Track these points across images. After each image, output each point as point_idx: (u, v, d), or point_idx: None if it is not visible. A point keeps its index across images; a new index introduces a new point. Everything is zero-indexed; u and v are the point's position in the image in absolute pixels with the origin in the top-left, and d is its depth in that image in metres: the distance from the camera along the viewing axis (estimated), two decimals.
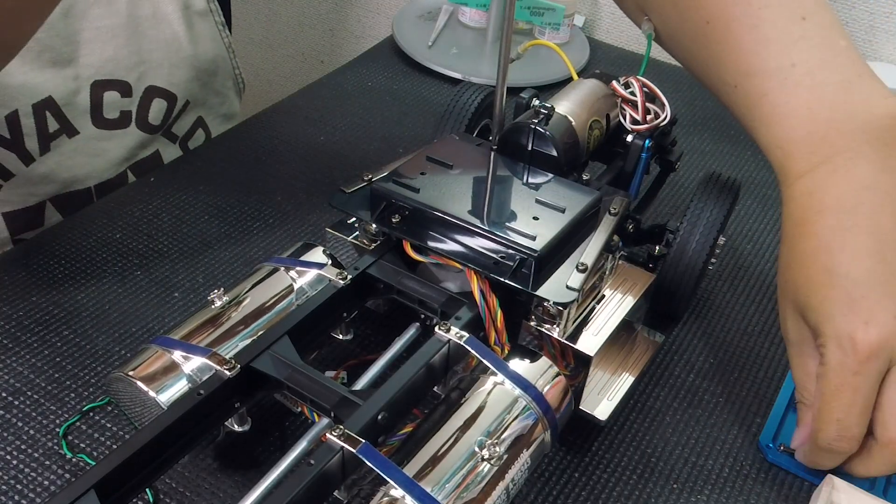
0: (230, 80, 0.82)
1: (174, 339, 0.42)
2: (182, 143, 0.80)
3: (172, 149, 0.79)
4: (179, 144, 0.80)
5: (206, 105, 0.81)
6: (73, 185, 0.71)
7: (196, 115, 0.80)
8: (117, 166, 0.74)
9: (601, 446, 0.50)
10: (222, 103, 0.83)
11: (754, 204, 0.73)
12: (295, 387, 0.40)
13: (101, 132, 0.71)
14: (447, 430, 0.38)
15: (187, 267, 0.60)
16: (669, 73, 0.93)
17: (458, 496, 0.36)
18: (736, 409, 0.53)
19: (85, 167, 0.71)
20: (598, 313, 0.47)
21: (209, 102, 0.81)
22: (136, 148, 0.75)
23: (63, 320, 0.55)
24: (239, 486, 0.45)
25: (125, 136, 0.73)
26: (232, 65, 0.81)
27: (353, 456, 0.36)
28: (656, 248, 0.55)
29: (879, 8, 0.83)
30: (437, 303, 0.45)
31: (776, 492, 0.48)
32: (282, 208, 0.67)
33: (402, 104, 0.83)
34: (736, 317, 0.60)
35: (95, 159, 0.72)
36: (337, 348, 0.54)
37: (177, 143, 0.79)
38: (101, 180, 0.73)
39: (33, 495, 0.44)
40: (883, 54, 0.85)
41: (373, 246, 0.48)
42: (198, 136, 0.82)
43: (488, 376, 0.41)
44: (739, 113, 0.50)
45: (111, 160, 0.73)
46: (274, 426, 0.49)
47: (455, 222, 0.44)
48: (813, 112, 0.45)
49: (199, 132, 0.82)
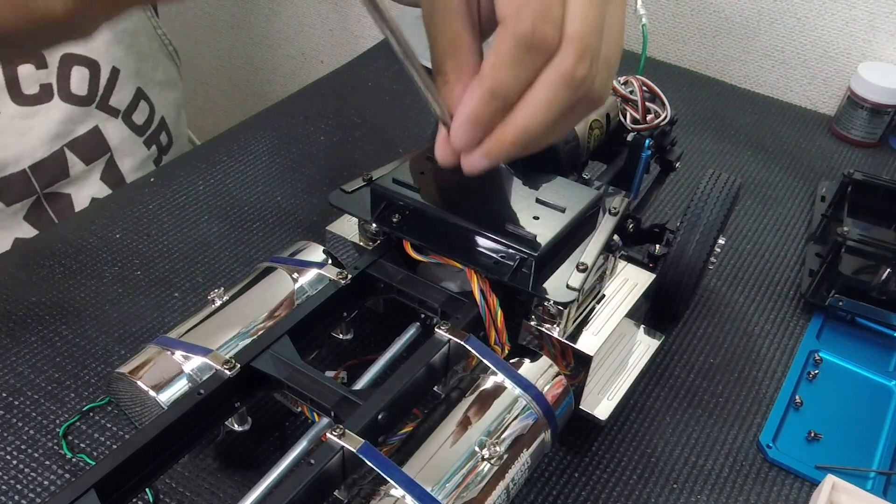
0: (156, 42, 0.78)
1: (174, 338, 0.42)
2: (126, 118, 0.76)
3: (115, 123, 0.75)
4: (123, 119, 0.76)
5: (140, 74, 0.77)
6: (6, 167, 0.68)
7: (134, 86, 0.76)
8: (49, 144, 0.70)
9: (601, 446, 0.50)
10: (155, 68, 0.79)
11: (754, 204, 0.73)
12: (295, 386, 0.40)
13: (22, 109, 0.68)
14: (447, 430, 0.38)
15: (187, 267, 0.60)
16: (669, 72, 0.93)
17: (459, 496, 0.36)
18: (736, 409, 0.53)
19: (13, 148, 0.68)
20: (598, 313, 0.47)
21: (142, 70, 0.77)
22: (67, 123, 0.71)
23: (63, 320, 0.54)
24: (239, 486, 0.45)
25: (50, 110, 0.69)
26: (152, 24, 0.77)
27: (354, 455, 0.36)
28: (656, 247, 0.55)
29: (879, 8, 0.83)
30: (437, 302, 0.45)
31: (776, 492, 0.48)
32: (282, 208, 0.67)
33: (402, 104, 0.83)
34: (736, 317, 0.60)
35: (23, 138, 0.68)
36: (337, 348, 0.54)
37: (119, 117, 0.75)
38: (35, 160, 0.70)
39: (33, 495, 0.44)
40: (883, 54, 0.86)
41: (373, 245, 0.48)
42: (142, 109, 0.78)
43: (488, 376, 0.41)
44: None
45: (41, 138, 0.69)
46: (274, 426, 0.49)
47: (455, 222, 0.44)
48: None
49: (143, 105, 0.78)
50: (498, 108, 0.34)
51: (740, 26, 0.93)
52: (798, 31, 0.90)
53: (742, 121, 0.85)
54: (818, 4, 0.87)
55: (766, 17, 0.90)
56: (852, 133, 0.83)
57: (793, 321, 0.60)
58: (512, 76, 0.33)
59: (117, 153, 0.75)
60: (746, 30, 0.93)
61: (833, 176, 0.77)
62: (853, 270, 0.58)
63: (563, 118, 0.34)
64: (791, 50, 0.91)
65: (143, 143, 0.78)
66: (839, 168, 0.79)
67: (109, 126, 0.74)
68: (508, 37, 0.32)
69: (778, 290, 0.63)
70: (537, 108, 0.33)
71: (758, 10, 0.90)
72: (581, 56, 0.32)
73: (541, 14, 0.31)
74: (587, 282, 0.43)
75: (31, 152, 0.69)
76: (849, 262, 0.58)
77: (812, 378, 0.55)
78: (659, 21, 0.97)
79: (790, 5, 0.88)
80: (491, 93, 0.33)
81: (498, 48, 0.32)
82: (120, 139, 0.75)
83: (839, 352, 0.58)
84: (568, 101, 0.33)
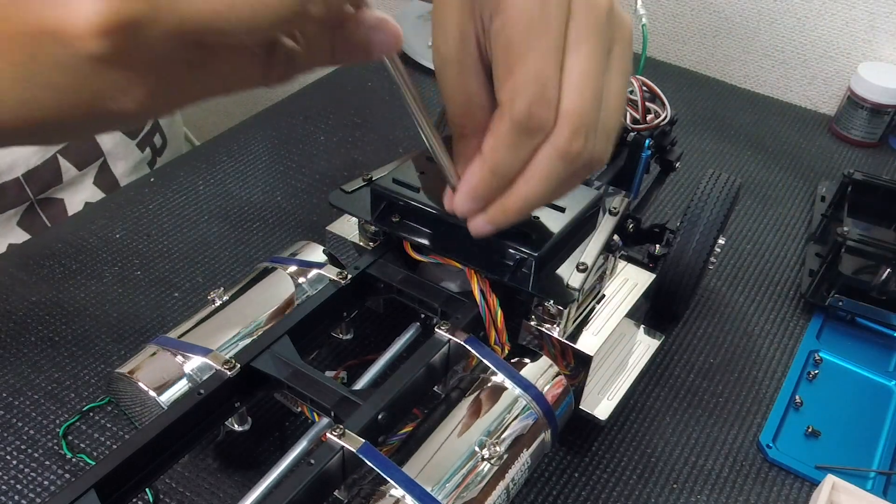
0: None
1: (174, 338, 0.42)
2: None
3: None
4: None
5: None
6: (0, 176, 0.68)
7: None
8: (42, 151, 0.69)
9: (601, 446, 0.50)
10: None
11: (754, 204, 0.73)
12: (295, 386, 0.40)
13: None
14: (447, 430, 0.38)
15: (187, 267, 0.60)
16: (669, 73, 0.93)
17: (459, 496, 0.36)
18: (736, 409, 0.53)
19: (6, 157, 0.67)
20: (598, 313, 0.47)
21: None
22: None
23: (63, 320, 0.54)
24: (239, 486, 0.45)
25: None
26: None
27: (354, 455, 0.36)
28: (656, 247, 0.55)
29: (879, 8, 0.83)
30: (437, 302, 0.45)
31: (776, 492, 0.48)
32: (282, 208, 0.67)
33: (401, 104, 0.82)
34: (736, 317, 0.60)
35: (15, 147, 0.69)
36: (337, 348, 0.54)
37: None
38: (28, 168, 0.69)
39: (33, 495, 0.44)
40: (883, 54, 0.85)
41: (373, 245, 0.48)
42: None
43: (489, 376, 0.41)
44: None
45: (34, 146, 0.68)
46: (274, 426, 0.49)
47: (455, 222, 0.44)
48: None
49: None
50: (498, 184, 0.35)
51: (740, 26, 0.93)
52: (798, 31, 0.90)
53: (742, 121, 0.85)
54: (818, 4, 0.87)
55: (766, 17, 0.90)
56: (852, 133, 0.83)
57: (793, 321, 0.60)
58: (510, 156, 0.34)
59: (110, 157, 0.75)
60: (746, 30, 0.93)
61: (833, 176, 0.77)
62: (853, 270, 0.58)
63: (562, 185, 0.36)
64: (791, 50, 0.91)
65: (137, 146, 0.78)
66: (839, 168, 0.79)
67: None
68: (506, 120, 0.33)
69: (778, 290, 0.63)
70: (536, 181, 0.35)
71: (758, 10, 0.90)
72: (576, 132, 0.33)
73: (536, 98, 0.33)
74: (587, 282, 0.43)
75: (25, 160, 0.69)
76: (849, 262, 0.58)
77: (812, 378, 0.55)
78: (659, 21, 0.97)
79: (790, 5, 0.88)
80: (491, 172, 0.35)
81: (497, 130, 0.34)
82: (113, 143, 0.75)
83: (839, 352, 0.58)
84: (565, 174, 0.35)
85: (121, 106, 0.26)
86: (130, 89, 0.25)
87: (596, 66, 0.34)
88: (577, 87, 0.33)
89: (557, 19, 0.33)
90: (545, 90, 0.33)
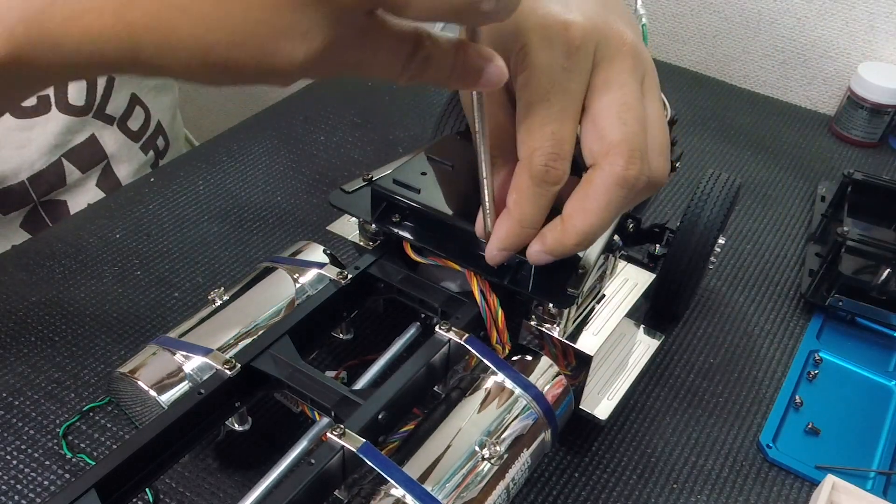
0: None
1: (174, 338, 0.42)
2: (122, 125, 0.75)
3: (111, 131, 0.74)
4: (119, 126, 0.75)
5: (134, 79, 0.75)
6: (5, 180, 0.68)
7: (128, 93, 0.75)
8: (48, 155, 0.70)
9: (601, 446, 0.50)
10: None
11: (754, 204, 0.73)
12: (295, 386, 0.40)
13: (20, 122, 0.67)
14: (447, 430, 0.38)
15: (187, 267, 0.60)
16: (669, 73, 0.93)
17: (459, 495, 0.36)
18: (736, 409, 0.53)
19: (12, 160, 0.68)
20: (598, 313, 0.47)
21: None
22: (65, 134, 0.70)
23: (63, 320, 0.54)
24: (239, 486, 0.45)
25: (48, 121, 0.69)
26: None
27: (354, 455, 0.36)
28: (656, 247, 0.55)
29: (879, 8, 0.83)
30: (437, 302, 0.45)
31: (776, 492, 0.48)
32: (282, 208, 0.67)
33: (402, 104, 0.83)
34: (736, 317, 0.60)
35: (22, 151, 0.68)
36: (337, 348, 0.54)
37: (114, 124, 0.74)
38: (34, 172, 0.69)
39: (33, 495, 0.44)
40: (883, 54, 0.85)
41: (373, 245, 0.48)
42: (137, 115, 0.77)
43: (489, 376, 0.41)
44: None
45: (39, 149, 0.69)
46: (274, 426, 0.49)
47: (455, 223, 0.44)
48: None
49: (138, 110, 0.77)
50: (528, 234, 0.38)
51: (740, 26, 0.93)
52: (798, 31, 0.90)
53: (742, 121, 0.85)
54: (818, 4, 0.87)
55: (766, 17, 0.91)
56: (852, 133, 0.83)
57: (793, 321, 0.60)
58: (534, 208, 0.37)
59: (114, 160, 0.75)
60: (746, 30, 0.93)
61: (833, 176, 0.77)
62: (853, 270, 0.58)
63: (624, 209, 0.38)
64: (791, 50, 0.91)
65: (140, 148, 0.78)
66: (839, 168, 0.79)
67: (106, 134, 0.74)
68: (525, 176, 0.36)
69: (778, 290, 0.63)
70: (596, 212, 0.36)
71: (758, 10, 0.91)
72: (630, 158, 0.35)
73: (553, 157, 0.35)
74: (587, 283, 0.43)
75: (30, 164, 0.69)
76: (849, 262, 0.58)
77: (812, 378, 0.55)
78: (659, 21, 0.97)
79: (790, 5, 0.88)
80: (519, 224, 0.38)
81: (519, 185, 0.37)
82: (116, 146, 0.75)
83: (839, 352, 0.58)
84: (627, 199, 0.37)
85: (292, 53, 0.27)
86: (310, 35, 0.27)
87: (634, 96, 0.36)
88: (621, 119, 0.36)
89: (579, 77, 0.36)
90: (561, 147, 0.35)
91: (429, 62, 0.30)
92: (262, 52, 0.27)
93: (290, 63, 0.27)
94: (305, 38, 0.27)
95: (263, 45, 0.27)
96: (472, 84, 0.33)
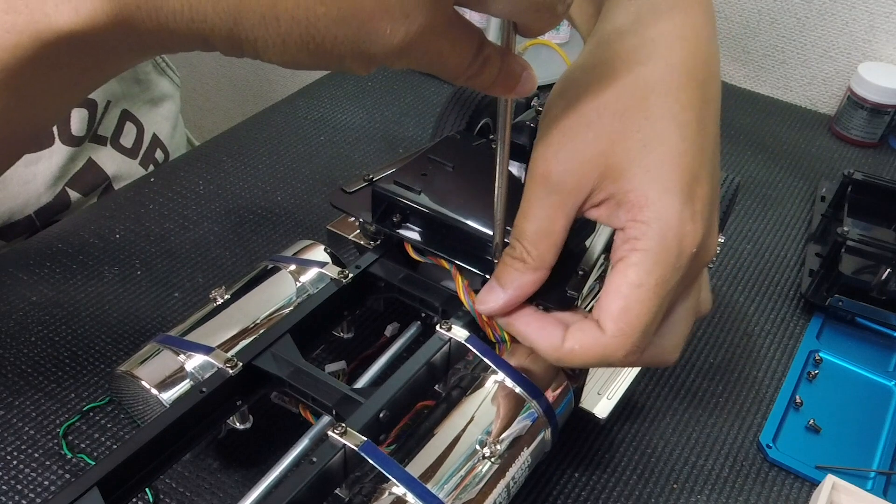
0: (148, 64, 0.76)
1: (176, 336, 0.42)
2: (114, 143, 0.74)
3: (105, 151, 0.73)
4: (111, 145, 0.74)
5: (127, 97, 0.75)
6: (13, 216, 0.67)
7: (119, 110, 0.74)
8: (53, 188, 0.69)
9: (601, 446, 0.50)
10: (145, 89, 0.77)
11: (754, 204, 0.73)
12: (296, 385, 0.40)
13: (25, 157, 0.66)
14: (448, 429, 0.38)
15: (187, 267, 0.60)
16: None
17: (460, 494, 0.36)
18: (736, 409, 0.53)
19: (19, 197, 0.67)
20: None
21: (129, 93, 0.75)
22: (67, 164, 0.69)
23: (63, 320, 0.54)
24: (240, 485, 0.45)
25: (52, 155, 0.68)
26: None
27: (355, 454, 0.36)
28: None
29: (879, 8, 0.84)
30: (438, 301, 0.45)
31: (776, 492, 0.48)
32: (282, 208, 0.67)
33: (402, 104, 0.83)
34: (736, 317, 0.60)
35: (27, 186, 0.67)
36: (338, 347, 0.54)
37: (107, 144, 0.73)
38: (41, 205, 0.68)
39: (33, 495, 0.44)
40: (883, 54, 0.86)
41: (373, 245, 0.48)
42: (128, 131, 0.75)
43: (489, 375, 0.41)
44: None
45: (45, 183, 0.68)
46: (275, 424, 0.49)
47: (456, 224, 0.44)
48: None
49: (129, 126, 0.75)
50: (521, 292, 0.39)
51: (740, 26, 0.93)
52: (798, 31, 0.90)
53: (742, 121, 0.85)
54: (818, 4, 0.87)
55: (766, 17, 0.91)
56: (852, 133, 0.83)
57: (793, 321, 0.60)
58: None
59: (115, 180, 0.74)
60: (746, 30, 0.93)
61: (833, 176, 0.77)
62: (853, 270, 0.58)
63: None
64: (791, 50, 0.91)
65: (139, 164, 0.77)
66: (839, 168, 0.79)
67: (102, 155, 0.73)
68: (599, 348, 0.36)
69: (778, 290, 0.63)
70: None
71: (758, 10, 0.91)
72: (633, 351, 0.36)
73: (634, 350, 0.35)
74: (587, 284, 0.43)
75: (37, 198, 0.68)
76: (849, 262, 0.58)
77: (812, 378, 0.56)
78: None
79: (790, 5, 0.89)
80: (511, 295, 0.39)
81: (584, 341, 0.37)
82: (115, 166, 0.74)
83: (839, 352, 0.58)
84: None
85: (392, 34, 0.27)
86: (411, 17, 0.27)
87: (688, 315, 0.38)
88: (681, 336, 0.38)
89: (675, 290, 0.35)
90: (643, 341, 0.35)
91: (487, 63, 0.31)
92: (363, 31, 0.27)
93: (387, 44, 0.27)
94: (407, 19, 0.27)
95: (366, 23, 0.27)
96: (510, 90, 0.33)
